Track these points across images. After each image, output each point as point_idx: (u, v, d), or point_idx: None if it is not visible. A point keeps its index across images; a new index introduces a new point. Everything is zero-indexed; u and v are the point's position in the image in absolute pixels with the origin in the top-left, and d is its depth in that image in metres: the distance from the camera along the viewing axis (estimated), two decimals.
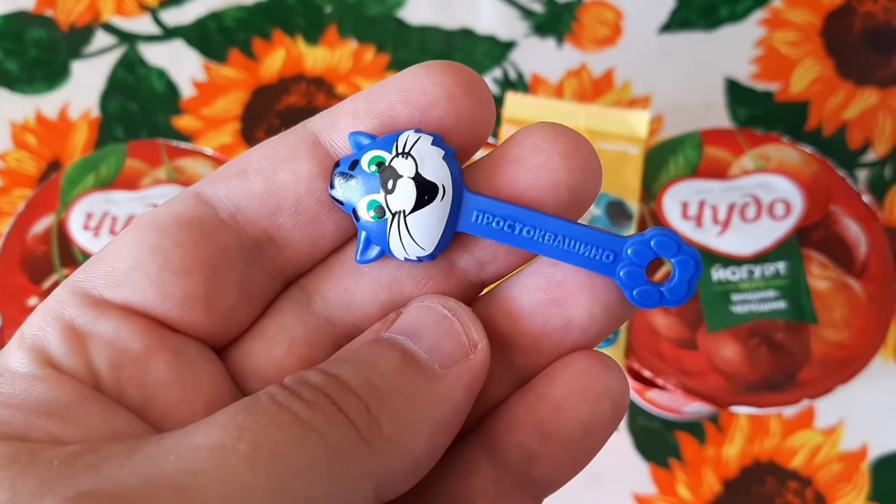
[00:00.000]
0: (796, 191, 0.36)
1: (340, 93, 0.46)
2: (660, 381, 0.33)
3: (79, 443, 0.12)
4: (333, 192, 0.15)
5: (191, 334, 0.15)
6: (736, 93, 0.46)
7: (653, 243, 0.15)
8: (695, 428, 0.39)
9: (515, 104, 0.39)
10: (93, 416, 0.13)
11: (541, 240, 0.15)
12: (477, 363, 0.14)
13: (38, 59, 0.48)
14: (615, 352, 0.34)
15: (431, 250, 0.15)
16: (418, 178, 0.15)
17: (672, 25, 0.48)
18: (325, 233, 0.15)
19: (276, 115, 0.46)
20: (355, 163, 0.15)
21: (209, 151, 0.38)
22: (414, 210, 0.15)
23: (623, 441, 0.39)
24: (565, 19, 0.48)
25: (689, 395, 0.33)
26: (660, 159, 0.37)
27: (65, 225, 0.36)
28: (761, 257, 0.35)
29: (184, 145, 0.38)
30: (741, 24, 0.48)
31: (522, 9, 0.48)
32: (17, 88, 0.47)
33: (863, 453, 0.39)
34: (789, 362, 0.33)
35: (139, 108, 0.46)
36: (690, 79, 0.46)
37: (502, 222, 0.15)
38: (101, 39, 0.48)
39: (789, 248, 0.35)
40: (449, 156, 0.15)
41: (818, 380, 0.33)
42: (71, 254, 0.35)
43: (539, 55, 0.47)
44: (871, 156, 0.44)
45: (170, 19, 0.48)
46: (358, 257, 0.15)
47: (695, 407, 0.36)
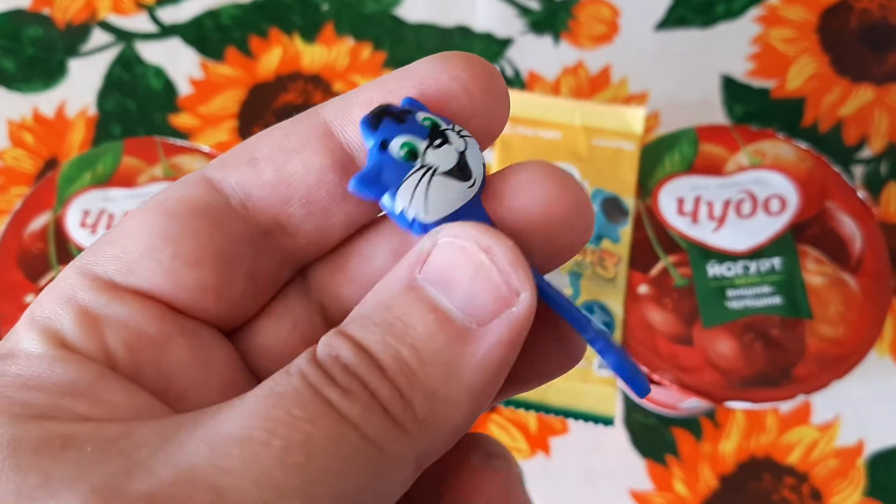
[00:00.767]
0: (792, 187, 0.36)
1: (337, 90, 0.46)
2: (656, 376, 0.34)
3: (106, 421, 0.12)
4: (367, 122, 0.14)
5: (202, 319, 0.15)
6: (732, 90, 0.46)
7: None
8: (691, 424, 0.39)
9: (512, 101, 0.39)
10: (116, 395, 0.13)
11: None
12: (520, 315, 0.13)
13: (35, 58, 0.48)
14: None
15: (432, 220, 0.14)
16: (463, 157, 0.14)
17: (668, 22, 0.48)
18: (336, 222, 0.15)
19: (273, 112, 0.46)
20: (405, 112, 0.14)
21: (206, 149, 0.38)
22: (446, 175, 0.14)
23: (620, 437, 0.39)
24: (562, 17, 0.48)
25: (684, 390, 0.33)
26: (656, 156, 0.38)
27: (62, 222, 0.36)
28: (756, 253, 0.35)
29: (181, 143, 0.38)
30: (737, 21, 0.48)
31: (519, 6, 0.48)
32: (14, 86, 0.47)
33: (859, 449, 0.39)
34: (785, 358, 0.34)
35: (136, 106, 0.46)
36: (687, 76, 0.46)
37: None
38: (98, 37, 0.48)
39: (785, 244, 0.35)
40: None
41: (813, 375, 0.33)
42: (68, 251, 0.35)
43: (536, 52, 0.47)
44: (866, 152, 0.44)
45: (167, 17, 0.48)
46: (352, 183, 0.14)
47: (691, 403, 0.36)
